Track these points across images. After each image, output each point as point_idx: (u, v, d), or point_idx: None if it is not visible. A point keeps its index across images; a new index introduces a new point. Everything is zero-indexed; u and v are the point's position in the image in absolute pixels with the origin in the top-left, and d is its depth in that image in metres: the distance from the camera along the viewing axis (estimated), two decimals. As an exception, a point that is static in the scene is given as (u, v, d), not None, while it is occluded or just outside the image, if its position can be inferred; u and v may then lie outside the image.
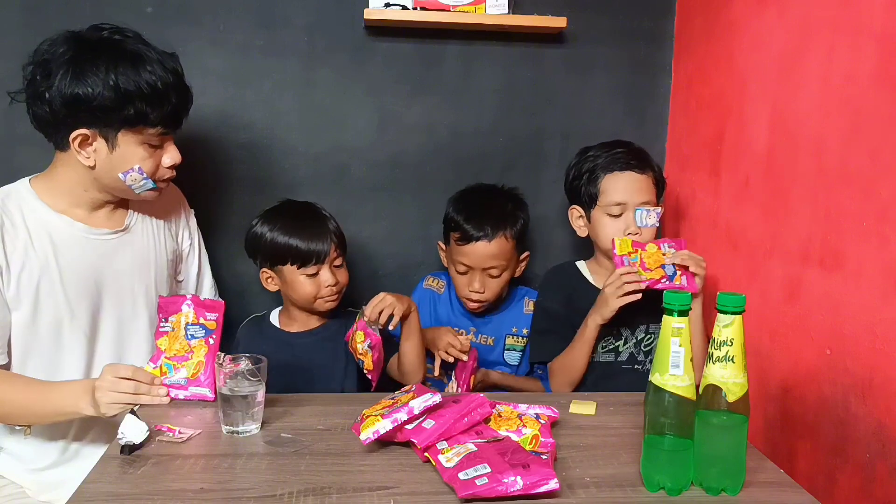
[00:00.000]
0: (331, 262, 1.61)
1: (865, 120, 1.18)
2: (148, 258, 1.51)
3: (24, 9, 1.75)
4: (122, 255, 1.46)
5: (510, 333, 1.81)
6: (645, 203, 1.63)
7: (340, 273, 1.64)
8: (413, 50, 1.89)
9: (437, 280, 1.87)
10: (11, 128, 1.74)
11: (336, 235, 1.63)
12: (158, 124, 1.35)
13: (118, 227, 1.46)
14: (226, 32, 1.83)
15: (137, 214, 1.51)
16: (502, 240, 1.70)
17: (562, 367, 1.63)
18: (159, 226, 1.55)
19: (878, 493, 1.13)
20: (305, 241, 1.59)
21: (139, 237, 1.50)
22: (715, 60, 1.71)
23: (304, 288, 1.60)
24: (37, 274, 1.35)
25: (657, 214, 1.63)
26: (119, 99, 1.29)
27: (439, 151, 1.94)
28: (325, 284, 1.60)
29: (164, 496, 0.97)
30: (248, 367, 1.18)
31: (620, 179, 1.64)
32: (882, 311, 1.13)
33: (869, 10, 1.17)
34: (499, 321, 1.82)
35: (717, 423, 0.99)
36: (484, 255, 1.70)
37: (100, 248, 1.42)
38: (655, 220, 1.63)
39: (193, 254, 1.68)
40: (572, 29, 1.87)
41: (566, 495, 0.98)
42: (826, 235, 1.27)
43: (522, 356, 1.83)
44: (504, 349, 1.82)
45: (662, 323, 0.98)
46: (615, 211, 1.64)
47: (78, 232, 1.40)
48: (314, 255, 1.59)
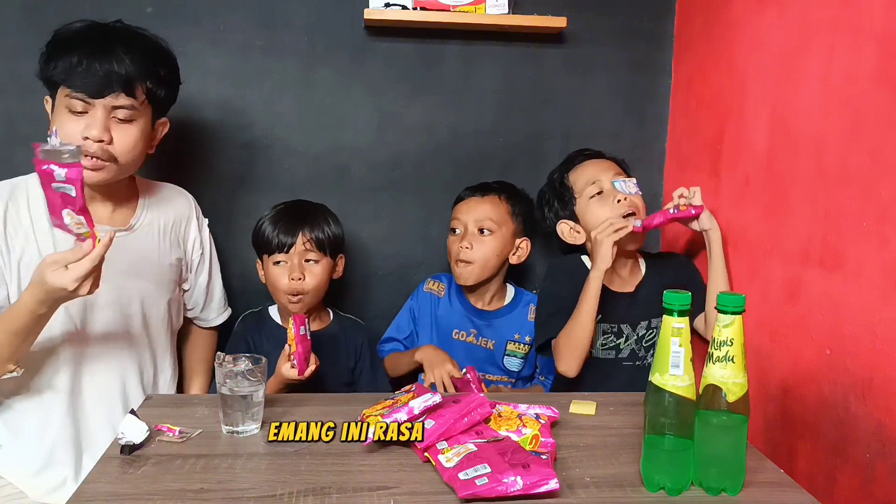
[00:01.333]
0: (301, 256, 1.62)
1: (865, 120, 1.18)
2: (149, 262, 1.50)
3: (24, 9, 1.75)
4: (122, 254, 1.45)
5: (511, 339, 1.81)
6: (616, 175, 1.67)
7: (311, 270, 1.62)
8: (413, 50, 1.89)
9: (437, 283, 1.87)
10: (11, 128, 1.74)
11: (320, 236, 1.63)
12: (71, 84, 1.29)
13: (121, 227, 1.46)
14: (226, 32, 1.83)
15: (145, 217, 1.50)
16: (494, 199, 1.78)
17: (567, 337, 1.57)
18: (166, 231, 1.54)
19: (878, 493, 1.13)
20: (277, 230, 1.62)
21: (142, 240, 1.49)
22: (715, 60, 1.71)
23: (272, 277, 1.63)
24: (35, 262, 1.35)
25: (635, 184, 1.65)
26: (48, 50, 1.30)
27: (439, 151, 1.94)
28: (289, 274, 1.60)
29: (164, 496, 0.97)
30: (248, 367, 1.18)
31: (585, 167, 1.71)
32: (882, 311, 1.13)
33: (869, 10, 1.17)
34: (500, 325, 1.82)
35: (717, 423, 0.99)
36: (475, 209, 1.76)
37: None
38: (635, 188, 1.65)
39: (204, 264, 1.67)
40: (572, 29, 1.87)
41: (566, 495, 0.98)
42: (826, 235, 1.27)
43: (523, 364, 1.82)
44: (504, 354, 1.81)
45: (662, 323, 0.98)
46: (594, 190, 1.66)
47: None
48: (283, 244, 1.61)
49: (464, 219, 1.77)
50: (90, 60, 1.29)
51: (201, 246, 1.65)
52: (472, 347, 1.80)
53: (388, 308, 1.93)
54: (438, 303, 1.85)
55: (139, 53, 1.34)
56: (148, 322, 1.51)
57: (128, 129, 1.36)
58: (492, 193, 1.79)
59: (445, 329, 1.81)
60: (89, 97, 1.31)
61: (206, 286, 1.69)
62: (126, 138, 1.36)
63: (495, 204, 1.77)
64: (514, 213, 1.79)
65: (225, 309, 1.76)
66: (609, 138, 1.94)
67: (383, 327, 1.89)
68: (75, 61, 1.29)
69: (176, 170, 1.78)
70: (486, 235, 1.75)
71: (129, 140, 1.36)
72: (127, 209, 1.48)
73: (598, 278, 1.54)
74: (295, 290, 1.61)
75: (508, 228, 1.78)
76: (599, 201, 1.65)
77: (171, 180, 1.66)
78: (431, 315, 1.84)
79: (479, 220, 1.75)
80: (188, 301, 1.68)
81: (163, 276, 1.53)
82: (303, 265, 1.62)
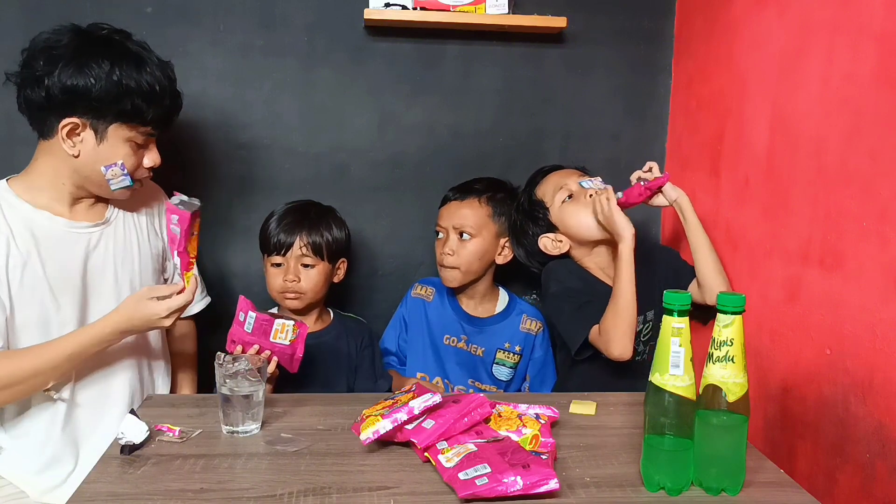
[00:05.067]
0: (297, 260, 1.63)
1: (865, 120, 1.18)
2: (131, 250, 1.51)
3: (24, 8, 1.75)
4: (104, 246, 1.47)
5: (501, 347, 1.80)
6: (580, 177, 1.69)
7: (306, 274, 1.64)
8: (413, 50, 1.89)
9: (424, 287, 1.87)
10: (11, 128, 1.74)
11: (318, 241, 1.63)
12: (150, 124, 1.40)
13: (99, 220, 1.47)
14: (226, 32, 1.83)
15: (117, 209, 1.52)
16: (474, 202, 1.76)
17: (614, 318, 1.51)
18: (140, 220, 1.56)
19: (878, 493, 1.13)
20: (279, 230, 1.64)
21: (121, 230, 1.51)
22: (715, 60, 1.71)
23: (270, 278, 1.66)
24: (20, 268, 1.36)
25: (601, 181, 1.67)
26: (119, 93, 1.34)
27: (439, 151, 1.94)
28: (283, 276, 1.62)
29: (164, 496, 0.97)
30: (248, 367, 1.18)
31: (548, 180, 1.74)
32: (882, 311, 1.13)
33: (869, 10, 1.17)
34: (491, 332, 1.81)
35: (717, 423, 0.99)
36: (455, 213, 1.76)
37: (81, 240, 1.43)
38: (601, 183, 1.66)
39: None
40: (572, 29, 1.87)
41: (566, 495, 0.98)
42: (826, 235, 1.27)
43: (513, 374, 1.80)
44: (493, 362, 1.80)
45: (662, 323, 0.98)
46: (564, 195, 1.68)
47: (59, 226, 1.41)
48: (280, 246, 1.63)
49: (445, 224, 1.77)
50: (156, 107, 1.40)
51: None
52: (463, 353, 1.79)
53: (388, 308, 1.93)
54: (428, 307, 1.84)
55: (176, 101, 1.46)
56: None
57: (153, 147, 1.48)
58: (471, 196, 1.77)
59: (437, 333, 1.81)
60: (160, 133, 1.45)
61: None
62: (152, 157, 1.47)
63: (474, 208, 1.76)
64: (495, 214, 1.77)
65: (203, 297, 1.73)
66: (609, 138, 1.94)
67: (383, 327, 1.89)
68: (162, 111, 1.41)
69: (176, 170, 1.78)
70: (466, 240, 1.74)
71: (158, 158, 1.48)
72: (100, 204, 1.50)
73: (629, 249, 1.53)
74: (288, 290, 1.62)
75: (490, 231, 1.77)
76: (573, 203, 1.67)
77: (170, 180, 1.66)
78: (422, 320, 1.83)
79: (458, 226, 1.75)
80: None
81: (146, 266, 1.54)
82: (298, 268, 1.62)
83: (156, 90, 1.38)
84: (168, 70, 1.42)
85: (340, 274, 1.72)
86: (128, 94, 1.35)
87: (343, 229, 1.70)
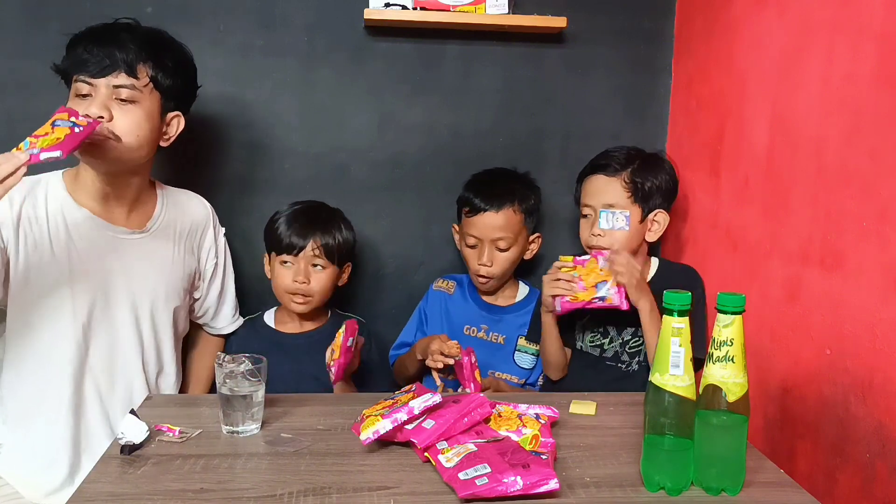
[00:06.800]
0: (308, 261, 1.63)
1: (865, 120, 1.18)
2: (162, 266, 1.50)
3: (24, 8, 1.75)
4: (136, 257, 1.46)
5: (522, 334, 1.80)
6: (610, 206, 1.62)
7: (316, 276, 1.64)
8: (413, 50, 1.89)
9: (446, 282, 1.88)
10: (12, 128, 1.74)
11: (330, 243, 1.64)
12: (77, 69, 1.35)
13: (137, 229, 1.46)
14: (226, 32, 1.83)
15: (162, 220, 1.51)
16: (509, 212, 1.73)
17: (542, 353, 1.70)
18: (181, 238, 1.55)
19: (878, 493, 1.13)
20: (291, 231, 1.63)
21: (158, 244, 1.50)
22: (715, 60, 1.71)
23: (278, 277, 1.65)
24: (47, 255, 1.37)
25: (625, 218, 1.60)
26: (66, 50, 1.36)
27: (439, 151, 1.94)
28: (293, 277, 1.62)
29: (164, 496, 0.97)
30: (248, 367, 1.18)
31: (590, 182, 1.69)
32: (882, 311, 1.13)
33: (869, 10, 1.17)
34: (512, 321, 1.81)
35: (717, 423, 0.99)
36: (491, 225, 1.73)
37: (113, 244, 1.43)
38: (624, 223, 1.60)
39: (217, 274, 1.67)
40: (572, 29, 1.87)
41: (566, 495, 0.98)
42: (826, 235, 1.27)
43: (535, 360, 1.80)
44: (515, 349, 1.80)
45: (663, 323, 0.98)
46: (584, 212, 1.68)
47: (94, 225, 1.41)
48: (292, 246, 1.63)
49: (480, 234, 1.74)
50: (96, 46, 1.35)
51: (216, 256, 1.65)
52: (484, 343, 1.79)
53: (388, 308, 1.93)
54: (449, 300, 1.85)
55: (142, 39, 1.39)
56: (155, 326, 1.51)
57: (130, 109, 1.36)
58: (507, 206, 1.72)
59: (457, 325, 1.82)
60: (91, 77, 1.34)
61: (218, 296, 1.69)
62: (127, 117, 1.35)
63: (509, 217, 1.73)
64: (527, 218, 1.77)
65: (235, 319, 1.75)
66: (609, 138, 1.94)
67: (383, 327, 1.89)
68: (82, 50, 1.35)
69: (176, 170, 1.78)
70: (503, 249, 1.74)
71: (131, 120, 1.36)
72: (144, 211, 1.49)
73: (549, 323, 1.62)
74: (297, 292, 1.61)
75: (524, 236, 1.78)
76: (584, 223, 1.68)
77: (170, 180, 1.66)
78: (442, 312, 1.84)
79: (496, 239, 1.73)
80: (199, 309, 1.68)
81: (174, 282, 1.53)
82: (309, 270, 1.62)
83: (89, 34, 1.36)
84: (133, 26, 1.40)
85: (345, 278, 1.73)
86: (70, 43, 1.36)
87: (351, 231, 1.71)
